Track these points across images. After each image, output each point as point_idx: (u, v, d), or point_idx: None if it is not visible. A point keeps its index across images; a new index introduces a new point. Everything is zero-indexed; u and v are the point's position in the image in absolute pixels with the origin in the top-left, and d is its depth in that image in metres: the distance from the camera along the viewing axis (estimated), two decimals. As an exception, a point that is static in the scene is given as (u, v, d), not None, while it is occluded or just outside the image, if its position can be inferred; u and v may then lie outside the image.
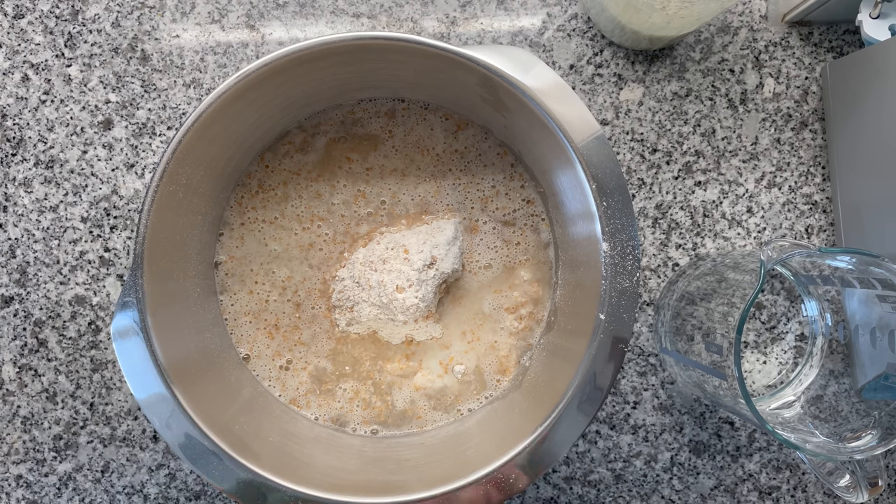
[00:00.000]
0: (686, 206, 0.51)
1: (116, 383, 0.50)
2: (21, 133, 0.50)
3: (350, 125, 0.47)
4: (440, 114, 0.47)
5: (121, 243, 0.50)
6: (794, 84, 0.52)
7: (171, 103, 0.50)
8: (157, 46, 0.51)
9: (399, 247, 0.45)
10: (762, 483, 0.51)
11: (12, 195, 0.50)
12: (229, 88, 0.38)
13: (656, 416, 0.51)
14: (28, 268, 0.50)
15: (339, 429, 0.46)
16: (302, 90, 0.42)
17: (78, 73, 0.50)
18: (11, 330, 0.50)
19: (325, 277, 0.47)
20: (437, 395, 0.46)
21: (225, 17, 0.51)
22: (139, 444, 0.50)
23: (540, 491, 0.51)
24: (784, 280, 0.51)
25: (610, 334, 0.39)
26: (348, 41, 0.38)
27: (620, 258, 0.39)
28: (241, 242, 0.46)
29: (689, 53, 0.52)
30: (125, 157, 0.50)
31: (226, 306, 0.46)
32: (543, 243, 0.47)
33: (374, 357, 0.47)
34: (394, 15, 0.51)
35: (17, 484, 0.50)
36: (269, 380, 0.46)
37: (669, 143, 0.51)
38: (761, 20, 0.52)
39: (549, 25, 0.51)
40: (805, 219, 0.52)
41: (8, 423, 0.50)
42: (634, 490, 0.51)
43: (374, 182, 0.47)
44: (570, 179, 0.40)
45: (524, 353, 0.47)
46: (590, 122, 0.40)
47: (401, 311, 0.45)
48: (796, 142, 0.52)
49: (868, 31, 0.47)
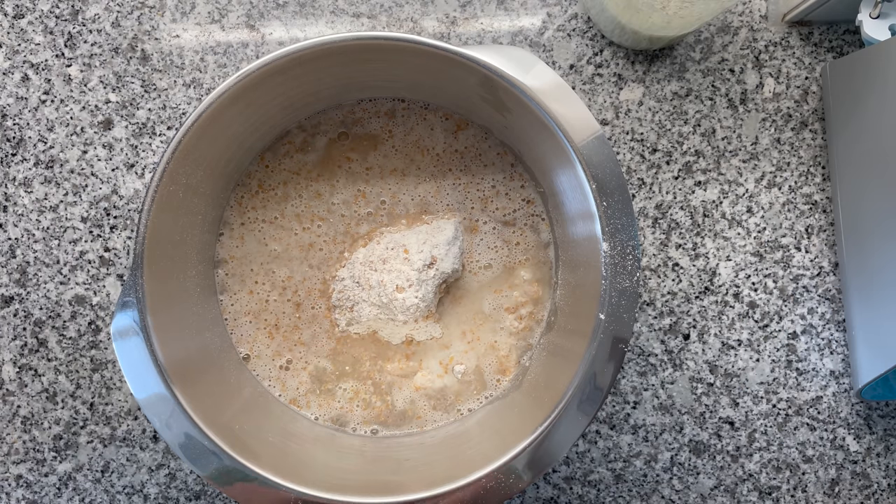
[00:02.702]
0: (686, 206, 0.51)
1: (116, 383, 0.50)
2: (21, 133, 0.50)
3: (350, 125, 0.47)
4: (440, 114, 0.47)
5: (121, 243, 0.50)
6: (794, 84, 0.52)
7: (171, 103, 0.50)
8: (157, 46, 0.51)
9: (399, 247, 0.45)
10: (762, 483, 0.51)
11: (12, 195, 0.50)
12: (229, 88, 0.38)
13: (656, 416, 0.51)
14: (28, 268, 0.50)
15: (339, 429, 0.46)
16: (302, 90, 0.42)
17: (78, 73, 0.50)
18: (11, 330, 0.50)
19: (325, 277, 0.47)
20: (437, 395, 0.46)
21: (225, 17, 0.51)
22: (139, 444, 0.50)
23: (540, 491, 0.51)
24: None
25: (610, 334, 0.39)
26: (348, 41, 0.38)
27: (620, 258, 0.39)
28: (241, 242, 0.46)
29: (689, 53, 0.52)
30: (125, 157, 0.50)
31: (226, 306, 0.46)
32: (543, 243, 0.47)
33: (374, 357, 0.47)
34: (394, 15, 0.51)
35: (17, 484, 0.50)
36: (269, 380, 0.46)
37: (669, 143, 0.51)
38: (761, 20, 0.52)
39: (549, 25, 0.51)
40: (805, 219, 0.52)
41: (8, 423, 0.50)
42: (634, 490, 0.51)
43: (374, 182, 0.47)
44: (570, 179, 0.40)
45: (524, 353, 0.47)
46: (590, 122, 0.40)
47: (401, 311, 0.45)
48: (796, 142, 0.52)
49: (868, 31, 0.47)
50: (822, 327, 0.51)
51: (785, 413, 0.51)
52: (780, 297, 0.51)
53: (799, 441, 0.51)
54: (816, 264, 0.52)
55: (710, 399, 0.51)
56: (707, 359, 0.51)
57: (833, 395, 0.52)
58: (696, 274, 0.51)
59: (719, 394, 0.51)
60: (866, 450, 0.51)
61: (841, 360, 0.52)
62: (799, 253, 0.52)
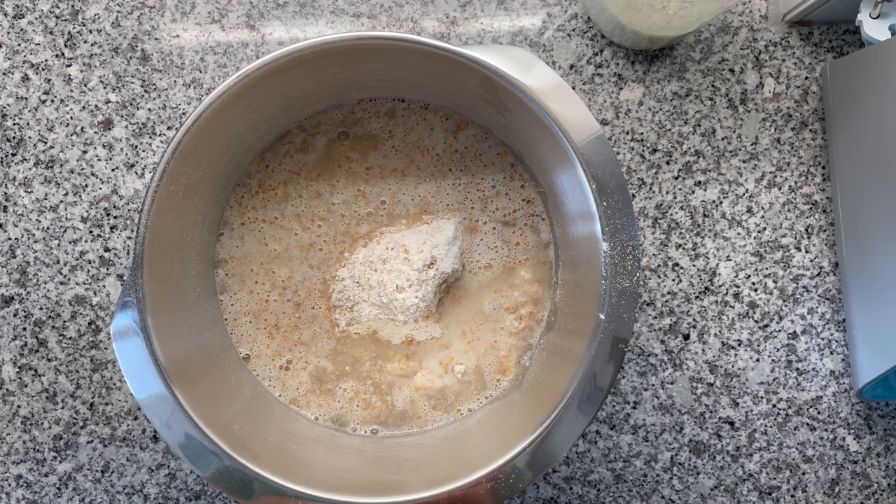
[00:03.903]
0: (686, 206, 0.51)
1: (116, 383, 0.50)
2: (21, 133, 0.50)
3: (350, 125, 0.47)
4: (440, 114, 0.47)
5: (121, 243, 0.50)
6: (794, 84, 0.52)
7: (171, 103, 0.50)
8: (157, 46, 0.51)
9: (399, 247, 0.45)
10: (762, 483, 0.51)
11: (12, 195, 0.50)
12: (229, 88, 0.38)
13: (656, 416, 0.51)
14: (28, 268, 0.50)
15: (339, 429, 0.46)
16: (302, 90, 0.42)
17: (78, 73, 0.50)
18: (11, 330, 0.50)
19: (325, 277, 0.47)
20: (437, 395, 0.46)
21: (225, 17, 0.51)
22: (139, 444, 0.50)
23: (540, 491, 0.51)
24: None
25: (610, 334, 0.39)
26: (348, 41, 0.38)
27: (620, 258, 0.39)
28: (241, 242, 0.46)
29: (689, 53, 0.52)
30: (125, 157, 0.50)
31: (226, 306, 0.46)
32: (543, 243, 0.47)
33: (374, 357, 0.47)
34: (394, 15, 0.51)
35: (17, 484, 0.50)
36: (269, 380, 0.46)
37: (669, 143, 0.51)
38: (761, 20, 0.52)
39: (549, 25, 0.51)
40: (805, 219, 0.52)
41: (8, 423, 0.50)
42: (634, 490, 0.51)
43: (374, 182, 0.47)
44: (570, 179, 0.40)
45: (524, 353, 0.47)
46: (590, 122, 0.40)
47: (401, 311, 0.45)
48: (796, 142, 0.52)
49: (868, 31, 0.47)
50: (822, 327, 0.51)
51: (785, 413, 0.51)
52: (780, 297, 0.51)
53: (799, 441, 0.51)
54: (816, 264, 0.52)
55: (710, 399, 0.51)
56: (707, 359, 0.51)
57: (833, 395, 0.52)
58: (696, 274, 0.51)
59: (719, 394, 0.51)
60: (866, 450, 0.51)
61: (841, 360, 0.52)
62: (799, 253, 0.52)
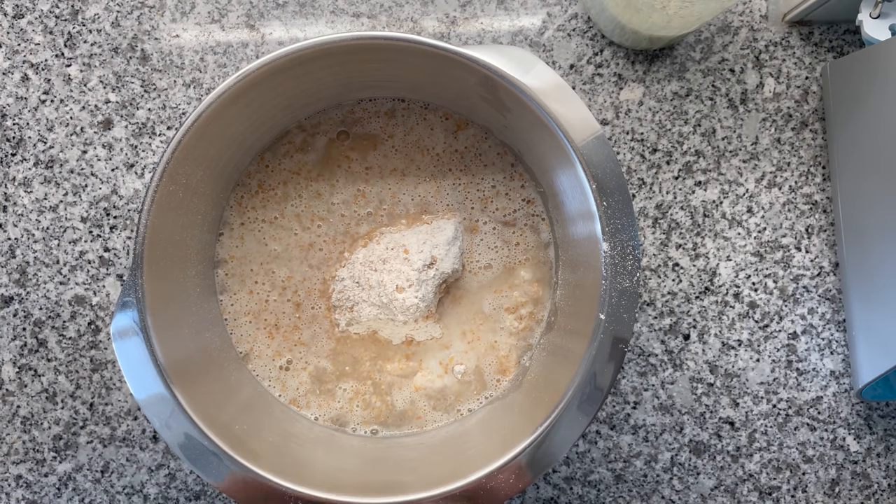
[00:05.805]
0: (686, 206, 0.51)
1: (116, 383, 0.50)
2: (21, 133, 0.50)
3: (350, 125, 0.47)
4: (440, 114, 0.47)
5: (121, 243, 0.50)
6: (795, 84, 0.52)
7: (171, 103, 0.50)
8: (156, 46, 0.51)
9: (399, 247, 0.45)
10: (762, 483, 0.51)
11: (12, 195, 0.50)
12: (229, 88, 0.38)
13: (656, 416, 0.51)
14: (28, 268, 0.50)
15: (339, 429, 0.46)
16: (302, 90, 0.42)
17: (78, 73, 0.50)
18: (11, 330, 0.50)
19: (325, 277, 0.47)
20: (437, 395, 0.46)
21: (225, 16, 0.51)
22: (139, 444, 0.50)
23: (540, 491, 0.51)
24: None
25: (610, 334, 0.38)
26: (348, 41, 0.38)
27: (620, 258, 0.39)
28: (241, 242, 0.46)
29: (690, 53, 0.52)
30: (125, 157, 0.50)
31: (226, 306, 0.46)
32: (543, 243, 0.47)
33: (374, 357, 0.47)
34: (394, 15, 0.51)
35: (17, 484, 0.50)
36: (269, 380, 0.46)
37: (669, 143, 0.51)
38: (761, 20, 0.52)
39: (549, 25, 0.51)
40: (805, 219, 0.52)
41: (8, 423, 0.50)
42: (634, 490, 0.51)
43: (374, 182, 0.47)
44: (570, 179, 0.40)
45: (524, 353, 0.47)
46: (590, 122, 0.40)
47: (401, 311, 0.45)
48: (796, 142, 0.52)
49: (868, 31, 0.47)
50: (822, 327, 0.51)
51: (785, 413, 0.51)
52: (780, 298, 0.51)
53: (799, 441, 0.51)
54: (816, 264, 0.52)
55: (710, 399, 0.51)
56: (707, 359, 0.51)
57: (833, 395, 0.52)
58: (696, 274, 0.51)
59: (719, 394, 0.51)
60: (866, 450, 0.51)
61: (841, 360, 0.51)
62: (799, 253, 0.52)
